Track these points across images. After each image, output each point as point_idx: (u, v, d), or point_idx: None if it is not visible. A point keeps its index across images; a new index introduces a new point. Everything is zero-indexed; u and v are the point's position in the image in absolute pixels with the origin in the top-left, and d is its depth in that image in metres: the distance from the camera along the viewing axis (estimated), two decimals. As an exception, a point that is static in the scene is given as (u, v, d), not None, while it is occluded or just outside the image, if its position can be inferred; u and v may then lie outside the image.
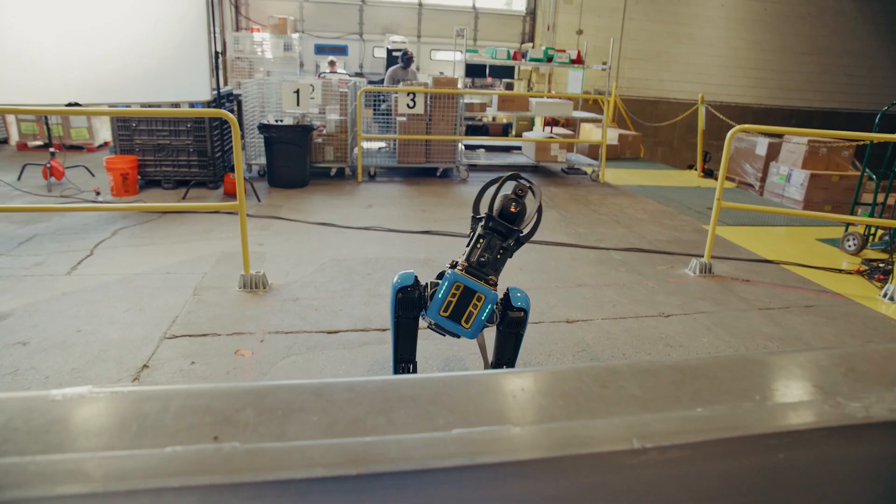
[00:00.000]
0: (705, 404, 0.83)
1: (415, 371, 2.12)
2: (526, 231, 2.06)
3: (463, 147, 8.20)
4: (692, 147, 13.62)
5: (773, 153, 9.14)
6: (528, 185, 2.08)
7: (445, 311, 1.87)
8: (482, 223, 2.06)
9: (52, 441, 0.56)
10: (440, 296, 1.87)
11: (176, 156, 6.28)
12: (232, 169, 6.54)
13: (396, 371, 2.11)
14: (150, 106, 5.90)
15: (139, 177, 6.20)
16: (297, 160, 6.72)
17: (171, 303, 3.58)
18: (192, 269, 4.18)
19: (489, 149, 9.92)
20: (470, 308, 1.88)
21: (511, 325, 2.01)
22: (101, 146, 8.87)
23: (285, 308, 3.62)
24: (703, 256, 4.64)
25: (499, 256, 2.00)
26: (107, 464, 0.55)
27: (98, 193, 5.88)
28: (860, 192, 5.52)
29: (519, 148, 9.84)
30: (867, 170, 5.28)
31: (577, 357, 3.14)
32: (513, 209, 2.01)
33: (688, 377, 0.95)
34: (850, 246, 5.24)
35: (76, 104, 5.03)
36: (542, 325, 3.51)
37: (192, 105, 5.94)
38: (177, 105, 5.97)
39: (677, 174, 9.66)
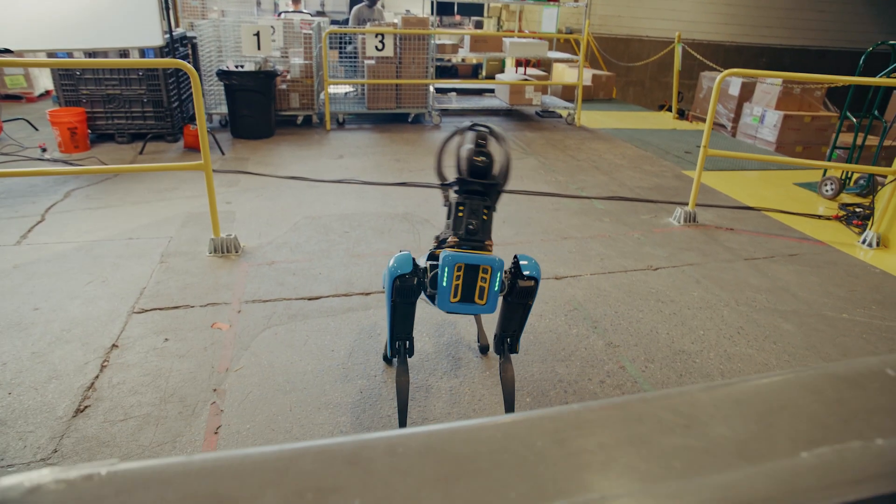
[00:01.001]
0: (807, 445, 0.70)
1: (411, 347, 1.99)
2: (501, 181, 1.92)
3: (434, 91, 7.86)
4: (663, 86, 13.44)
5: (746, 94, 9.06)
6: (486, 130, 1.92)
7: (455, 296, 1.75)
8: (455, 189, 1.91)
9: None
10: (445, 284, 1.74)
11: (129, 107, 5.81)
12: (191, 119, 6.12)
13: (392, 349, 1.98)
14: (95, 53, 5.38)
15: (89, 130, 5.74)
16: (261, 109, 6.32)
17: (136, 272, 3.34)
18: (156, 232, 3.91)
19: (461, 92, 9.56)
20: (479, 284, 1.76)
21: (521, 294, 1.89)
22: (42, 95, 8.20)
23: (261, 273, 3.43)
24: (686, 205, 4.58)
25: (485, 218, 1.87)
26: None
27: (44, 150, 5.43)
28: (838, 135, 5.49)
29: (492, 91, 9.51)
30: (847, 113, 5.23)
31: (569, 317, 3.07)
32: (481, 162, 1.86)
33: (774, 405, 0.82)
34: (827, 190, 5.25)
35: (7, 51, 4.53)
36: (531, 284, 3.41)
37: (142, 52, 5.44)
38: (125, 52, 5.45)
39: (652, 116, 9.53)
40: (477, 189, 1.88)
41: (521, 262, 1.89)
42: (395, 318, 1.90)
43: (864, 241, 4.21)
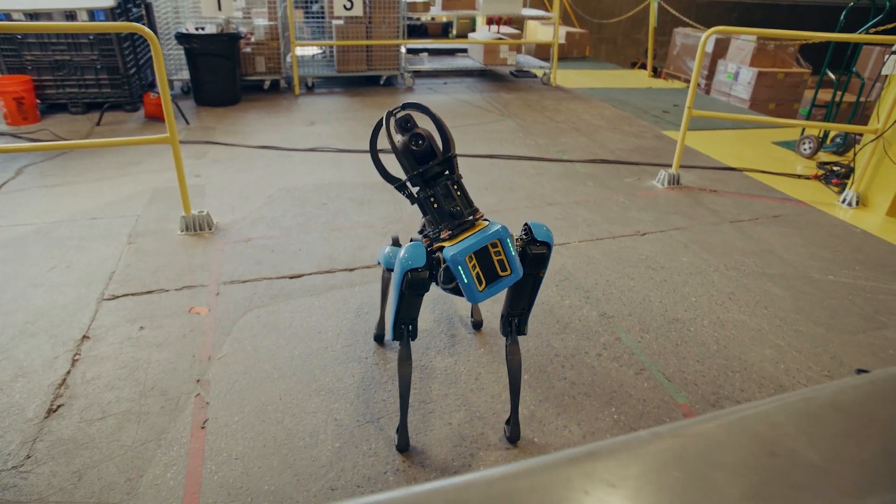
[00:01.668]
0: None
1: (415, 330, 1.89)
2: (450, 148, 1.83)
3: (405, 51, 7.57)
4: (636, 43, 13.26)
5: (720, 50, 8.97)
6: (402, 111, 1.84)
7: (481, 284, 1.66)
8: (413, 185, 1.82)
9: None
10: (466, 281, 1.65)
11: (81, 74, 5.41)
12: (151, 86, 5.76)
13: (396, 332, 1.87)
14: (37, 15, 4.95)
15: (38, 100, 5.35)
16: (225, 74, 5.98)
17: (103, 255, 3.14)
18: (121, 211, 3.68)
19: (432, 52, 9.26)
20: (495, 260, 1.67)
21: (532, 263, 1.81)
22: (-17, 62, 7.61)
23: (237, 251, 3.26)
24: (669, 167, 4.53)
25: (459, 193, 1.78)
26: None
27: (-10, 122, 5.05)
28: (817, 92, 5.46)
29: (464, 50, 9.23)
30: (827, 70, 5.19)
31: (561, 287, 3.01)
32: (420, 145, 1.76)
33: (856, 421, 0.75)
34: (805, 149, 5.25)
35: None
36: (519, 254, 3.33)
37: (91, 14, 5.03)
38: (72, 15, 5.04)
39: (627, 74, 9.41)
40: (433, 174, 1.79)
41: (533, 228, 1.81)
42: (402, 305, 1.80)
43: (843, 201, 4.24)
